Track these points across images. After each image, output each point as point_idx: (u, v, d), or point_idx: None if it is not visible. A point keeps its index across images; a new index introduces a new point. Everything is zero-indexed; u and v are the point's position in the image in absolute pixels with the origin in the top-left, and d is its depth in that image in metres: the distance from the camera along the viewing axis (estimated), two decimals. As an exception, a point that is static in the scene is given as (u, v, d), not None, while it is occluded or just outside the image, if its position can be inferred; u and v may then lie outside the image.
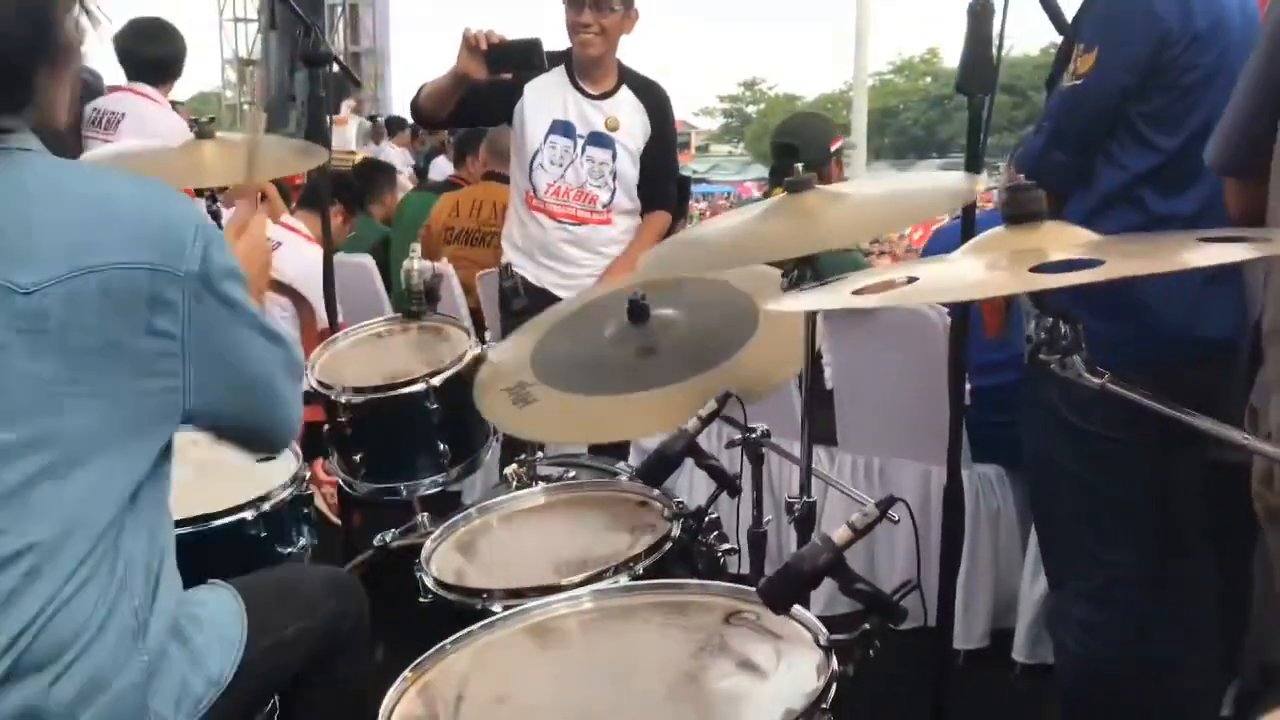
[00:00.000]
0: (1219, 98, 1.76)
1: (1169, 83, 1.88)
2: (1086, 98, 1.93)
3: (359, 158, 6.99)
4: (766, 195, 3.48)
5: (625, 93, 3.01)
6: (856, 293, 1.19)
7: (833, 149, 3.31)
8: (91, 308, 1.18)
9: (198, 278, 1.25)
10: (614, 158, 2.98)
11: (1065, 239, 1.12)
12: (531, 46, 2.72)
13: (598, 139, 2.97)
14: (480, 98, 2.87)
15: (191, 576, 1.44)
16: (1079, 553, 2.05)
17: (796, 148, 3.25)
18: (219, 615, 1.44)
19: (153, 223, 1.24)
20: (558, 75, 2.96)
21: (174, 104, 4.01)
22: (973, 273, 1.14)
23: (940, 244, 3.36)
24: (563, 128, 2.95)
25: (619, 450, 2.61)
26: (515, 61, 2.74)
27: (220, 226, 2.70)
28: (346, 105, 9.87)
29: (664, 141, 3.04)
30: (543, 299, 2.83)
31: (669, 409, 1.71)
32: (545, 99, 2.95)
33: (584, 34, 2.87)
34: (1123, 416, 1.55)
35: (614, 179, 2.98)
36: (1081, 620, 2.04)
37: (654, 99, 3.05)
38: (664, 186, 3.06)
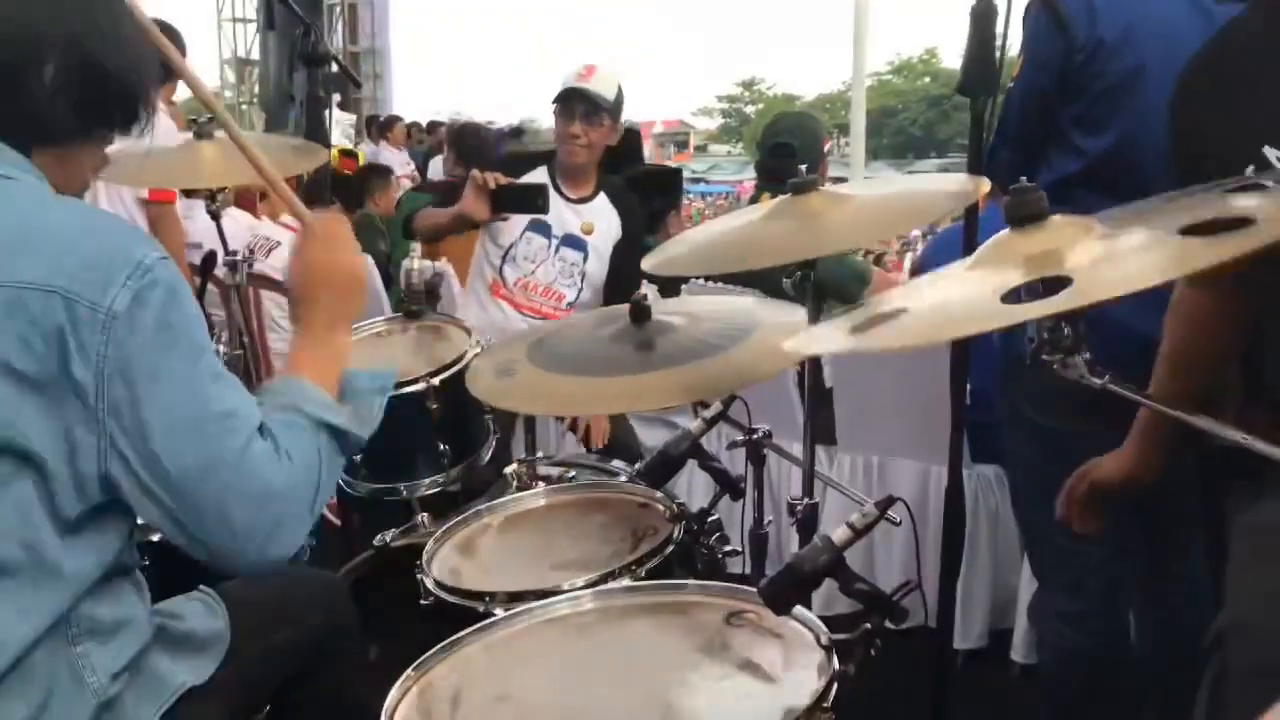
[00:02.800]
0: (1146, 103, 1.79)
1: (1083, 87, 1.92)
2: (1015, 98, 2.00)
3: (335, 150, 6.97)
4: (756, 194, 3.48)
5: (602, 199, 3.09)
6: (855, 330, 1.18)
7: (825, 149, 3.34)
8: None
9: (124, 320, 1.13)
10: (585, 260, 3.05)
11: (1072, 232, 1.11)
12: (538, 191, 2.80)
13: (572, 241, 3.04)
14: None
15: (189, 577, 1.44)
16: (1051, 546, 2.07)
17: (794, 147, 3.26)
18: (197, 617, 1.44)
19: (81, 251, 1.15)
20: (540, 175, 3.01)
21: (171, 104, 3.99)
22: (957, 308, 1.13)
23: (942, 247, 3.37)
24: (540, 227, 3.01)
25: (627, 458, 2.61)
26: (519, 204, 2.81)
27: (221, 229, 2.71)
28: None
29: (633, 242, 3.11)
30: None
31: (654, 390, 1.69)
32: None
33: (572, 144, 2.96)
34: (1077, 411, 1.58)
35: (582, 279, 3.06)
36: (1060, 611, 2.07)
37: (626, 205, 3.14)
38: (630, 285, 3.12)
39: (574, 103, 2.93)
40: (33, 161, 1.24)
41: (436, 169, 8.12)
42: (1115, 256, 1.06)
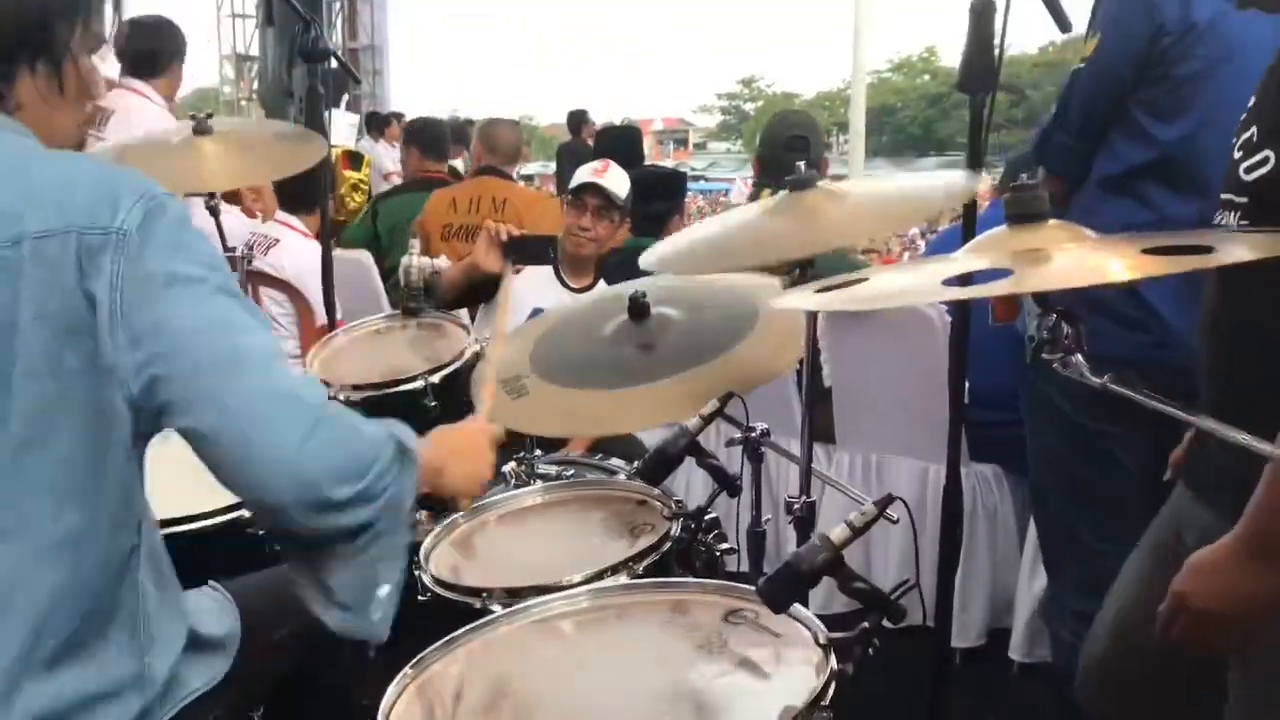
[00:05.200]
0: (1222, 91, 1.77)
1: (1164, 73, 1.90)
2: (1086, 82, 1.97)
3: (338, 153, 6.97)
4: (755, 191, 3.48)
5: (602, 287, 3.09)
6: (820, 291, 1.23)
7: (824, 150, 3.35)
8: (17, 278, 1.13)
9: (136, 237, 1.15)
10: None
11: (1065, 238, 1.12)
12: (549, 242, 2.81)
13: None
14: (478, 284, 2.94)
15: (187, 575, 1.44)
16: (1073, 543, 2.07)
17: (809, 140, 3.27)
18: (210, 619, 1.44)
19: (87, 189, 1.17)
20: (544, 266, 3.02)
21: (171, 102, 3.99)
22: (891, 284, 1.22)
23: (942, 247, 3.37)
24: (540, 315, 3.02)
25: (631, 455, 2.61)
26: (530, 255, 2.82)
27: (220, 226, 2.70)
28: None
29: None
30: None
31: (664, 404, 1.70)
32: (529, 285, 2.99)
33: (581, 236, 3.00)
34: (1116, 410, 1.56)
35: None
36: (1076, 611, 2.06)
37: None
38: None
39: (587, 196, 2.97)
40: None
41: (438, 169, 8.09)
42: (1072, 259, 1.08)
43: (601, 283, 3.12)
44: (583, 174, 3.03)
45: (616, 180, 3.00)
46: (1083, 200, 2.00)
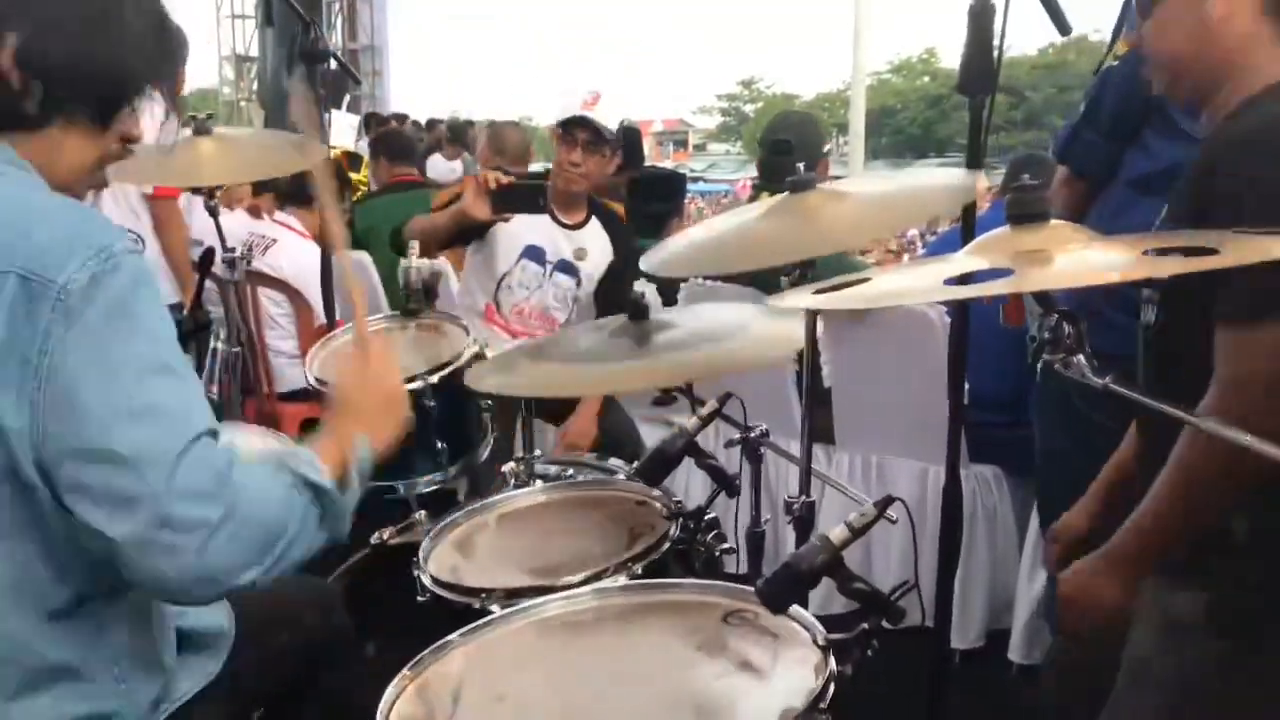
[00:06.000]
0: None
1: None
2: (1120, 81, 1.95)
3: (338, 154, 6.99)
4: (755, 193, 3.48)
5: (594, 224, 3.11)
6: (818, 292, 1.23)
7: (824, 150, 3.33)
8: None
9: (77, 298, 1.09)
10: (578, 285, 3.08)
11: (1067, 239, 1.12)
12: (538, 189, 2.80)
13: (565, 266, 3.07)
14: (467, 230, 2.93)
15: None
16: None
17: (792, 144, 3.26)
18: (203, 615, 1.44)
19: (44, 233, 1.13)
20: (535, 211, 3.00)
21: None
22: (907, 284, 1.22)
23: (942, 247, 3.37)
24: (534, 253, 3.03)
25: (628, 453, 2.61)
26: (519, 203, 2.81)
27: (219, 227, 2.70)
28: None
29: (626, 260, 3.10)
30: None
31: (653, 372, 1.69)
32: (519, 223, 2.98)
33: (571, 172, 2.96)
34: (1128, 407, 1.58)
35: (574, 303, 3.08)
36: None
37: (616, 228, 3.15)
38: (625, 296, 3.12)
39: (577, 130, 2.92)
40: (16, 152, 1.21)
41: (436, 168, 8.09)
42: (1074, 260, 1.08)
43: (595, 226, 3.08)
44: (572, 107, 2.95)
45: (607, 112, 2.94)
46: (1111, 201, 1.98)
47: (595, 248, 3.09)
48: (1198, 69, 1.45)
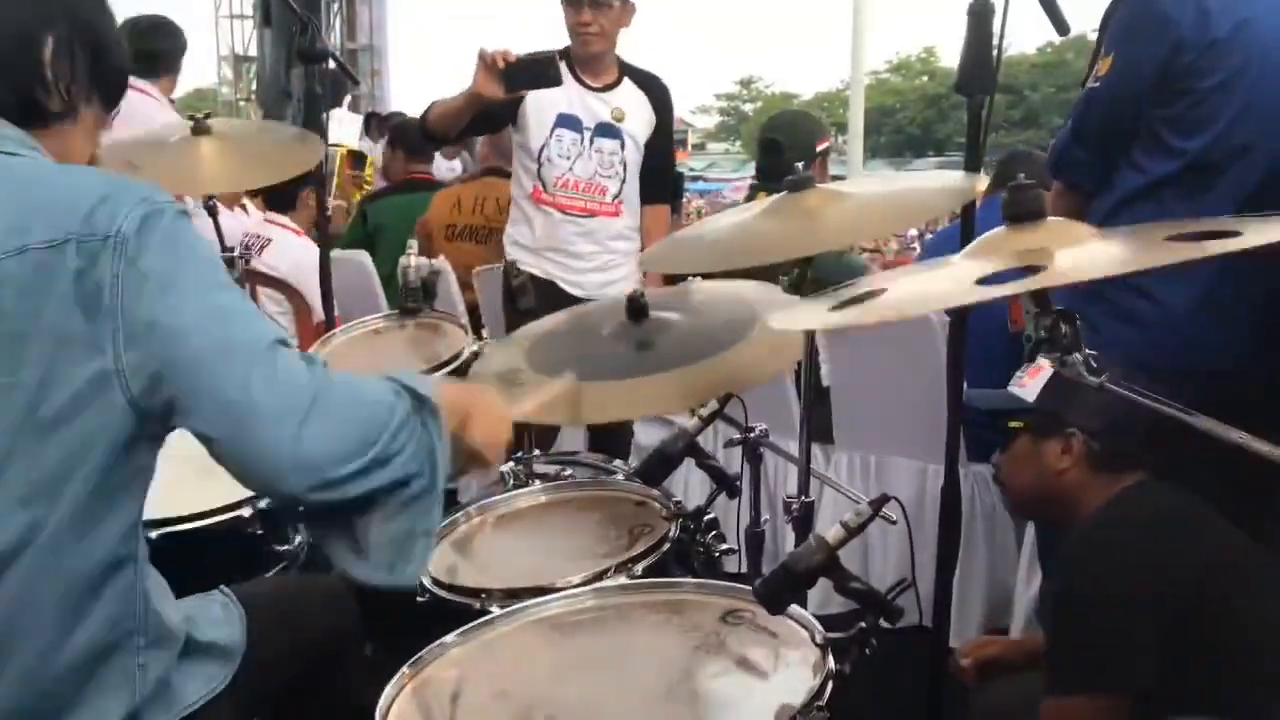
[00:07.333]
0: (1248, 100, 1.76)
1: (1185, 88, 1.89)
2: (1103, 100, 1.97)
3: (342, 153, 6.97)
4: (751, 192, 3.47)
5: (627, 84, 3.06)
6: (835, 309, 1.20)
7: (819, 149, 3.30)
8: (22, 288, 1.14)
9: (133, 240, 1.16)
10: (622, 147, 3.01)
11: (1066, 235, 1.12)
12: (549, 61, 2.73)
13: (605, 130, 3.00)
14: (486, 109, 2.87)
15: (187, 574, 1.44)
16: None
17: (781, 144, 3.25)
18: (216, 627, 1.43)
19: (88, 198, 1.17)
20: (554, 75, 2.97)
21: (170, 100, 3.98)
22: (933, 284, 1.18)
23: (942, 245, 3.36)
24: (569, 121, 2.98)
25: (619, 450, 2.61)
26: (532, 78, 2.76)
27: (219, 227, 2.70)
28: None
29: (665, 134, 3.08)
30: (550, 292, 2.86)
31: (660, 394, 1.69)
32: (548, 93, 2.94)
33: (585, 33, 2.92)
34: None
35: (624, 169, 3.01)
36: None
37: (656, 91, 3.09)
38: (665, 179, 3.08)
39: None
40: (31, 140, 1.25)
41: (436, 167, 8.06)
42: (1095, 250, 1.08)
43: (629, 87, 3.02)
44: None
45: None
46: (1102, 209, 2.00)
47: (633, 107, 3.03)
48: (1043, 505, 1.83)
